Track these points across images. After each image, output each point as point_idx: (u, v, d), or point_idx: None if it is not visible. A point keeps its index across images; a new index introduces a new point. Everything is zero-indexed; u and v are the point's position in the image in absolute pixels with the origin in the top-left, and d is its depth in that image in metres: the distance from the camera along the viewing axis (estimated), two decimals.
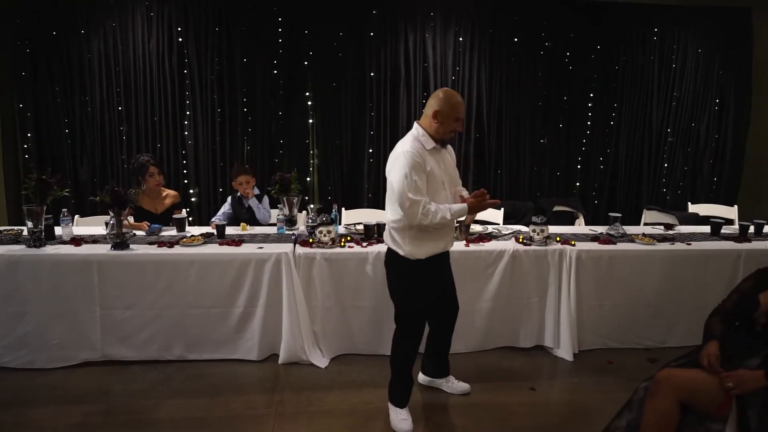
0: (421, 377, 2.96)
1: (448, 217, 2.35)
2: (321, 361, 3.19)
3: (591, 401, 2.83)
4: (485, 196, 2.46)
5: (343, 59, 5.15)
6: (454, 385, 2.90)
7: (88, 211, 4.57)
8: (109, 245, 3.09)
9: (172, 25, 4.89)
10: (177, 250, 3.14)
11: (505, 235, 3.59)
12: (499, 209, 4.37)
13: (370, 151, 5.31)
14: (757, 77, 5.78)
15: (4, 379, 2.93)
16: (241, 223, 3.75)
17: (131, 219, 3.68)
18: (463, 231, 3.41)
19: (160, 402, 2.74)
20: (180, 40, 4.92)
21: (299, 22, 5.04)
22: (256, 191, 4.09)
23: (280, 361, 3.16)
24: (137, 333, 3.10)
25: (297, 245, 3.26)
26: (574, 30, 5.45)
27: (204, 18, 4.91)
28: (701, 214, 5.00)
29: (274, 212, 4.00)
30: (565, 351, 3.31)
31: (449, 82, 5.31)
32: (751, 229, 3.77)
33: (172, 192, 4.04)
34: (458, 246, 3.29)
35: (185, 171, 5.15)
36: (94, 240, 3.29)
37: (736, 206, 4.98)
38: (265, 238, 3.45)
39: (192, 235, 3.41)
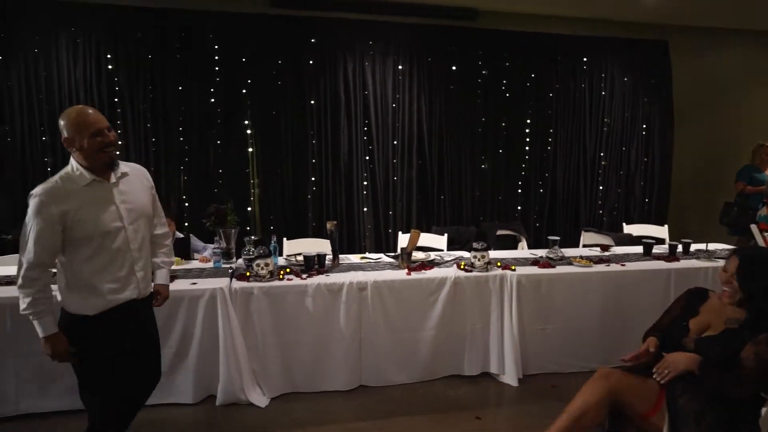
0: None
1: (21, 307, 1.91)
2: (261, 401, 3.04)
3: (536, 428, 2.82)
4: None
5: (282, 87, 5.09)
6: None
7: None
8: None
9: (100, 52, 4.69)
10: None
11: (447, 261, 3.58)
12: None
13: (313, 179, 5.24)
14: (677, 105, 6.16)
15: None
16: (176, 258, 3.56)
17: None
18: (405, 259, 3.37)
19: None
20: (110, 67, 4.73)
21: (235, 50, 4.96)
22: (179, 235, 3.80)
23: (217, 403, 3.00)
24: (56, 381, 2.84)
25: (234, 279, 3.13)
26: (509, 59, 5.63)
27: (134, 44, 4.74)
28: (635, 234, 5.19)
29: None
30: (510, 377, 3.30)
31: (390, 109, 5.34)
32: (680, 248, 3.93)
33: None
34: (400, 275, 3.25)
35: None
36: (7, 282, 3.03)
37: (666, 226, 5.21)
38: (200, 273, 3.29)
39: None
